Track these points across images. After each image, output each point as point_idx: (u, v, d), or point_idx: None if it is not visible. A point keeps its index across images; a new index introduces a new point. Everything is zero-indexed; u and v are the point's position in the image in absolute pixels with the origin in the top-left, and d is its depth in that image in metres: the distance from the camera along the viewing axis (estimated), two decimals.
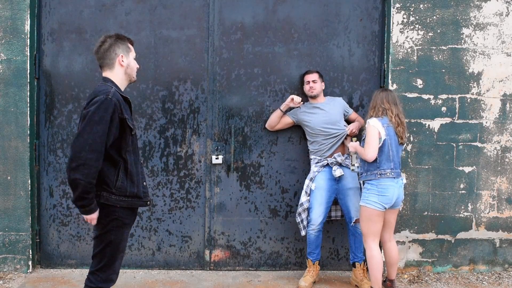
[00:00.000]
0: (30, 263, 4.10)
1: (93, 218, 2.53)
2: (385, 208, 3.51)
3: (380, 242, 3.72)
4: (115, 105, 2.47)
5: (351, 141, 3.82)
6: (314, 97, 4.03)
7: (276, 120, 4.08)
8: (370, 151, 3.48)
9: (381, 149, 3.50)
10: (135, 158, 2.64)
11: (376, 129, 3.48)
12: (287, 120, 4.10)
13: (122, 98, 2.57)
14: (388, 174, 3.49)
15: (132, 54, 2.71)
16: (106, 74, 2.66)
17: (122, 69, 2.66)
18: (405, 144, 3.67)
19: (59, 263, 4.26)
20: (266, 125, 4.17)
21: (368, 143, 3.50)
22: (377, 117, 3.55)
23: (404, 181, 3.64)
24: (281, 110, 4.04)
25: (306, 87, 4.02)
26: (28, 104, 4.03)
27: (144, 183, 2.71)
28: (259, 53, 4.21)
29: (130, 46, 2.72)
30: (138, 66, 2.76)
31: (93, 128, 2.41)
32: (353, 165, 3.75)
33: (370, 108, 3.64)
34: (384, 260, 3.82)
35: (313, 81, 3.99)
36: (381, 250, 3.89)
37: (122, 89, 2.67)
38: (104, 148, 2.46)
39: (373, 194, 3.49)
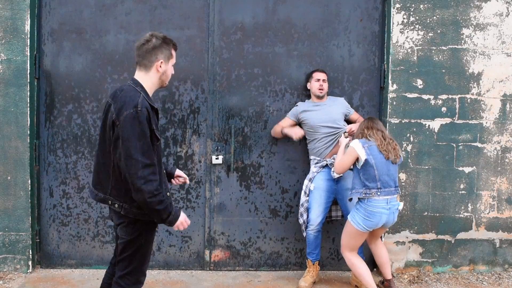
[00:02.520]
0: (30, 263, 4.10)
1: (182, 221, 2.53)
2: (370, 230, 3.51)
3: (367, 243, 3.80)
4: (146, 117, 2.41)
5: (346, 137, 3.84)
6: (320, 97, 4.03)
7: (280, 132, 4.10)
8: (339, 167, 3.55)
9: (364, 168, 3.43)
10: (160, 168, 2.54)
11: (355, 151, 3.44)
12: (288, 123, 4.09)
13: (150, 106, 2.48)
14: (373, 194, 3.41)
15: (173, 61, 2.62)
16: (140, 74, 2.58)
17: (157, 74, 2.57)
18: (397, 163, 3.50)
19: (59, 263, 4.26)
20: (272, 133, 4.19)
21: (341, 160, 3.53)
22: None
23: (401, 207, 3.54)
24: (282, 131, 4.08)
25: (316, 85, 4.00)
26: (28, 104, 4.03)
27: (168, 193, 2.61)
28: (259, 54, 4.21)
29: (173, 52, 2.61)
30: (173, 73, 2.69)
31: (137, 145, 2.36)
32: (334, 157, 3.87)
33: (354, 136, 3.63)
34: (375, 261, 3.87)
35: (323, 80, 4.00)
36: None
37: (151, 93, 2.59)
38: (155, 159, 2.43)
39: (360, 216, 3.47)
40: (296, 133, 3.99)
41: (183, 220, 2.54)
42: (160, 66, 2.55)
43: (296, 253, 4.33)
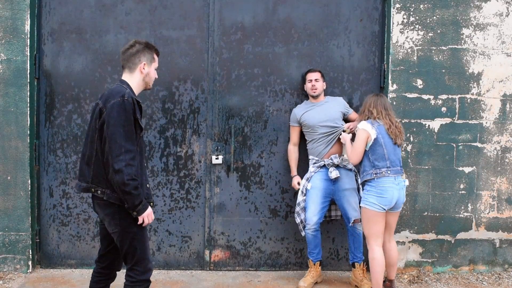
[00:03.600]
0: (30, 263, 4.10)
1: (148, 214, 2.63)
2: (385, 210, 3.50)
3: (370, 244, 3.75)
4: (131, 104, 2.58)
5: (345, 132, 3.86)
6: (315, 97, 4.03)
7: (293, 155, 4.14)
8: (353, 156, 3.56)
9: (373, 148, 3.49)
10: (141, 159, 2.70)
11: (365, 131, 3.49)
12: (295, 132, 4.09)
13: (136, 100, 2.67)
14: (384, 173, 3.48)
15: (155, 65, 2.84)
16: (125, 76, 2.78)
17: (141, 76, 2.78)
18: (402, 145, 3.64)
19: (59, 263, 4.26)
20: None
21: (354, 147, 3.56)
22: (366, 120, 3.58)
23: (407, 183, 3.62)
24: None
25: (309, 86, 4.01)
26: (28, 104, 4.03)
27: (148, 184, 2.77)
28: (259, 53, 4.21)
29: (155, 57, 2.84)
30: (157, 77, 2.88)
31: (120, 130, 2.53)
32: (343, 155, 3.90)
33: (359, 113, 3.67)
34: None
35: (316, 80, 3.99)
36: None
37: (136, 93, 2.78)
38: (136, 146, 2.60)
39: (372, 195, 3.49)
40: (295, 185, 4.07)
41: (149, 213, 2.64)
42: (144, 68, 2.77)
43: (296, 253, 4.33)
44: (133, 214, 2.59)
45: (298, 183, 4.04)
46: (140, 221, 2.62)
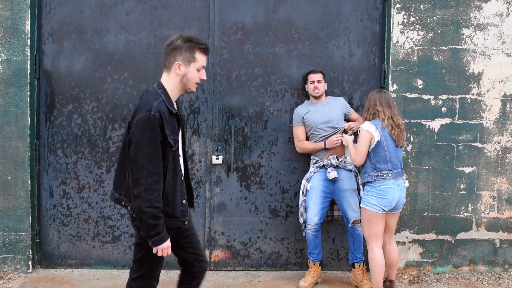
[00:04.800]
0: (30, 263, 4.10)
1: (164, 247, 2.40)
2: (385, 211, 3.50)
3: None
4: (159, 121, 2.34)
5: (347, 134, 3.85)
6: (317, 98, 4.02)
7: (310, 147, 4.04)
8: (357, 157, 3.54)
9: (375, 151, 3.49)
10: (173, 176, 2.46)
11: (369, 133, 3.47)
12: (301, 131, 4.04)
13: (167, 111, 2.41)
14: (385, 175, 3.47)
15: (196, 65, 2.49)
16: (163, 76, 2.53)
17: (177, 77, 2.48)
18: (403, 146, 3.65)
19: (59, 263, 4.25)
20: (300, 151, 4.11)
21: (357, 149, 3.54)
22: (370, 120, 3.56)
23: (407, 184, 3.62)
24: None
25: (311, 87, 4.01)
26: (28, 104, 4.03)
27: (184, 201, 2.54)
28: (259, 54, 4.21)
29: (198, 55, 2.49)
30: (203, 78, 2.55)
31: (144, 150, 2.31)
32: (345, 157, 3.89)
33: (364, 111, 3.66)
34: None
35: (318, 81, 3.98)
36: None
37: (174, 97, 2.52)
38: (162, 168, 2.37)
39: (372, 196, 3.49)
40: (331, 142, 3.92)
41: (166, 247, 2.41)
42: (179, 69, 2.46)
43: (296, 253, 4.33)
44: (149, 243, 2.40)
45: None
46: (154, 252, 2.41)
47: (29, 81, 4.03)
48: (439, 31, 4.15)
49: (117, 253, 4.26)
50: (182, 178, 2.55)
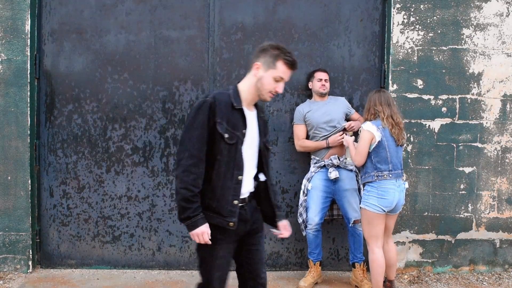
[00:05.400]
0: (30, 263, 4.10)
1: (198, 233, 2.30)
2: (385, 211, 3.50)
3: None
4: (211, 106, 2.30)
5: (347, 134, 3.85)
6: (323, 95, 4.02)
7: (311, 145, 4.02)
8: (358, 158, 3.53)
9: (376, 151, 3.48)
10: (226, 171, 2.34)
11: (370, 133, 3.46)
12: (302, 130, 4.04)
13: (229, 103, 2.35)
14: (385, 176, 3.47)
15: (273, 73, 2.35)
16: (245, 77, 2.47)
17: (253, 79, 2.40)
18: (404, 146, 3.65)
19: (59, 263, 4.25)
20: (300, 150, 4.09)
21: (358, 149, 3.54)
22: (371, 120, 3.56)
23: (406, 186, 3.62)
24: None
25: (318, 84, 4.00)
26: (28, 104, 4.03)
27: (236, 201, 2.37)
28: None
29: (280, 65, 2.35)
30: (278, 91, 2.39)
31: (190, 133, 2.30)
32: (346, 158, 3.88)
33: (364, 111, 3.66)
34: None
35: (325, 80, 3.99)
36: None
37: (247, 99, 2.42)
38: (205, 154, 2.31)
39: (373, 197, 3.49)
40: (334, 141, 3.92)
41: (200, 232, 2.30)
42: (257, 70, 2.38)
43: (296, 253, 4.32)
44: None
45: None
46: (193, 238, 2.34)
47: (29, 81, 4.03)
48: (439, 31, 4.15)
49: (117, 253, 4.26)
50: (240, 178, 2.38)
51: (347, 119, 4.07)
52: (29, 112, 4.04)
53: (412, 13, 4.12)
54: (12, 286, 3.86)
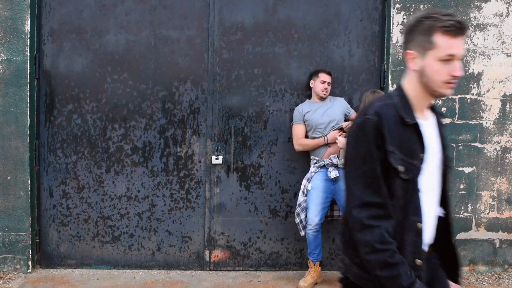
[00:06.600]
0: (30, 263, 4.09)
1: None
2: None
3: None
4: (377, 127, 1.59)
5: (342, 136, 3.85)
6: (323, 98, 4.02)
7: (310, 144, 4.02)
8: None
9: None
10: (402, 219, 1.62)
11: None
12: (301, 129, 4.03)
13: (397, 117, 1.63)
14: None
15: (436, 52, 1.61)
16: (405, 75, 1.77)
17: (413, 74, 1.69)
18: None
19: (59, 263, 4.25)
20: (299, 149, 4.08)
21: None
22: None
23: None
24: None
25: (320, 86, 3.99)
26: (28, 104, 4.03)
27: (417, 260, 1.64)
28: (259, 54, 4.21)
29: (439, 39, 1.60)
30: (455, 74, 1.61)
31: (356, 172, 1.61)
32: (341, 160, 3.86)
33: (359, 112, 3.63)
34: None
35: (328, 83, 3.99)
36: None
37: (419, 103, 1.70)
38: (386, 195, 1.59)
39: None
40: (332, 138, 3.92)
41: None
42: (412, 61, 1.68)
43: (296, 253, 4.33)
44: None
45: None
46: None
47: (29, 81, 4.03)
48: None
49: (116, 253, 4.26)
50: (420, 226, 1.65)
51: (346, 119, 4.07)
52: (28, 112, 4.04)
53: (412, 13, 4.12)
54: (12, 286, 3.86)
